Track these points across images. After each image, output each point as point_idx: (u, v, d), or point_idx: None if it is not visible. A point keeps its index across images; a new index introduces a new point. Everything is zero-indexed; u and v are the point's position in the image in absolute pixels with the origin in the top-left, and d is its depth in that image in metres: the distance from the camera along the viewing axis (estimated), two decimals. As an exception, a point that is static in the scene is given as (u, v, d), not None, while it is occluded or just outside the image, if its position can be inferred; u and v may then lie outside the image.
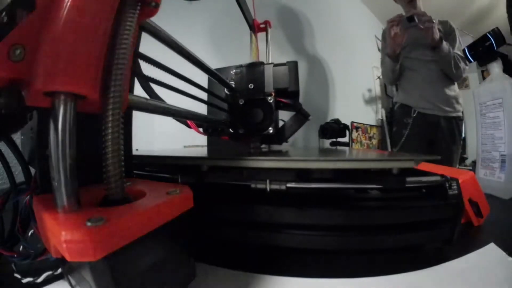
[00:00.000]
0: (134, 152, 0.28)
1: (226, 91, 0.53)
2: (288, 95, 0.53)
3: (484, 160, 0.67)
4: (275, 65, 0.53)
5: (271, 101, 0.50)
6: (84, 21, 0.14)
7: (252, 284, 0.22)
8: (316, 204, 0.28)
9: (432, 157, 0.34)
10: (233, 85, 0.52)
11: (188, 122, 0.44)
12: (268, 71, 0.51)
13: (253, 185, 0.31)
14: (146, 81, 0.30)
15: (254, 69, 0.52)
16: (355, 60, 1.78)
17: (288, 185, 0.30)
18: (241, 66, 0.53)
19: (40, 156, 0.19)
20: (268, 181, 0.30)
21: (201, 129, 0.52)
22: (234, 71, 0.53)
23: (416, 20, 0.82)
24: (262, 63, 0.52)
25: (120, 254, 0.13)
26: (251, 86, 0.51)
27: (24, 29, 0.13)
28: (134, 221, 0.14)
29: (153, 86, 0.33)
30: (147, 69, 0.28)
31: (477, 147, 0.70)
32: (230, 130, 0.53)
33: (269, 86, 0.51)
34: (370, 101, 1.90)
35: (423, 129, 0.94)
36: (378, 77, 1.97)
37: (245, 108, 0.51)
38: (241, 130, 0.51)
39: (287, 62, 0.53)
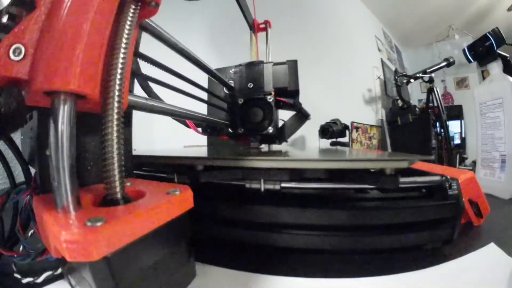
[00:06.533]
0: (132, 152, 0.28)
1: (225, 90, 0.53)
2: (288, 94, 0.52)
3: (484, 160, 0.67)
4: (275, 64, 0.52)
5: (271, 100, 0.50)
6: (84, 20, 0.14)
7: (252, 284, 0.22)
8: (315, 204, 0.28)
9: (426, 157, 0.34)
10: (232, 85, 0.52)
11: (187, 122, 0.44)
12: (268, 70, 0.51)
13: (247, 185, 0.31)
14: (145, 81, 0.30)
15: (254, 68, 0.51)
16: (355, 60, 1.78)
17: (282, 185, 0.30)
18: (240, 65, 0.53)
19: (40, 156, 0.19)
20: (262, 180, 0.30)
21: (200, 129, 0.52)
22: (233, 70, 0.53)
23: None
24: (261, 62, 0.52)
25: (120, 254, 0.13)
26: (250, 85, 0.51)
27: (24, 29, 0.13)
28: (134, 221, 0.14)
29: (153, 85, 0.33)
30: (147, 69, 0.28)
31: (477, 147, 0.70)
32: (230, 129, 0.53)
33: (268, 85, 0.50)
34: (370, 101, 1.90)
35: None
36: (378, 77, 1.97)
37: (245, 107, 0.51)
38: (240, 130, 0.51)
39: (287, 61, 0.53)
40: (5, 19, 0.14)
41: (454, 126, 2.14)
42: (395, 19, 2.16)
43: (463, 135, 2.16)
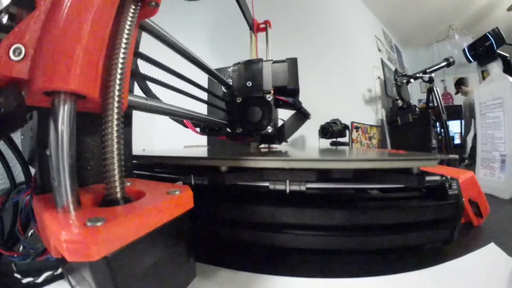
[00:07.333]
0: (141, 152, 0.28)
1: (223, 89, 0.51)
2: (288, 93, 0.51)
3: (484, 160, 0.67)
4: (274, 62, 0.50)
5: (270, 99, 0.48)
6: (84, 20, 0.14)
7: (252, 284, 0.22)
8: (315, 204, 0.28)
9: (452, 157, 0.34)
10: (230, 83, 0.50)
11: (185, 121, 0.43)
12: (267, 68, 0.49)
13: (272, 186, 0.30)
14: (143, 81, 0.30)
15: (252, 66, 0.49)
16: (355, 60, 1.78)
17: (308, 185, 0.29)
18: (238, 63, 0.51)
19: (40, 156, 0.19)
20: (288, 182, 0.30)
21: (198, 129, 0.50)
22: (231, 68, 0.51)
23: None
24: (260, 60, 0.50)
25: (120, 254, 0.13)
26: (249, 83, 0.49)
27: (24, 29, 0.13)
28: (134, 221, 0.14)
29: (153, 85, 0.33)
30: (147, 69, 0.28)
31: (477, 147, 0.70)
32: (228, 129, 0.51)
33: (267, 84, 0.48)
34: (370, 101, 1.90)
35: None
36: (378, 77, 1.97)
37: (243, 106, 0.49)
38: (239, 130, 0.49)
39: (287, 59, 0.51)
40: (5, 19, 0.14)
41: (454, 126, 2.14)
42: (395, 19, 2.16)
43: (463, 135, 2.16)
